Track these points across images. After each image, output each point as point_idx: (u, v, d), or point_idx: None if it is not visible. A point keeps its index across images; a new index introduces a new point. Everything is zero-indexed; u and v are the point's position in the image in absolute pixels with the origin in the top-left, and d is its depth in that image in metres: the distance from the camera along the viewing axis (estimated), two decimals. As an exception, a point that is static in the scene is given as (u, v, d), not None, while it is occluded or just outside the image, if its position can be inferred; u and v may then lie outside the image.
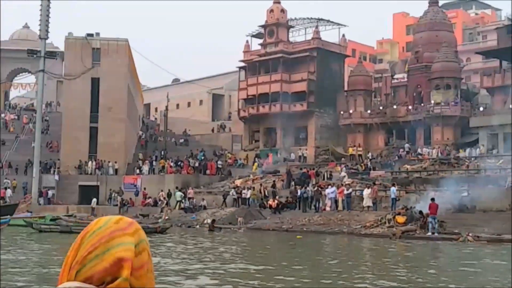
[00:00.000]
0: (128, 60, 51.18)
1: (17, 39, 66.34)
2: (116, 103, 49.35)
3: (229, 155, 53.49)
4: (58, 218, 32.25)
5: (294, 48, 54.46)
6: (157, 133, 61.17)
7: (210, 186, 45.61)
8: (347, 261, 16.98)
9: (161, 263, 15.55)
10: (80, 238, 1.25)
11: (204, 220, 35.24)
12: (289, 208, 35.49)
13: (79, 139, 49.12)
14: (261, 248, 21.99)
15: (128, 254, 1.21)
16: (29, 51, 45.67)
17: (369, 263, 16.67)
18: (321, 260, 16.99)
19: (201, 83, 67.81)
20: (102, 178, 48.27)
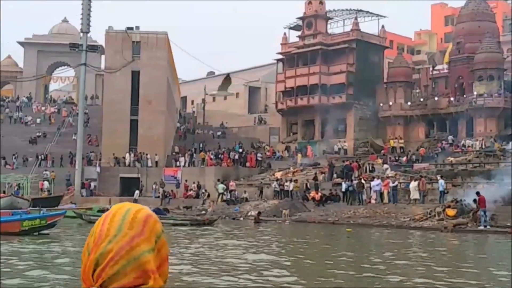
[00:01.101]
0: (167, 53, 51.43)
1: (57, 33, 67.18)
2: (156, 96, 49.68)
3: (267, 147, 53.44)
4: (105, 210, 32.61)
5: (333, 40, 54.06)
6: (195, 126, 61.39)
7: (250, 178, 45.67)
8: (413, 255, 16.79)
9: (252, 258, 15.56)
10: (96, 247, 1.24)
11: (248, 212, 35.34)
12: (333, 200, 35.32)
13: (119, 132, 49.59)
14: (320, 241, 21.85)
15: (151, 266, 1.22)
16: (71, 45, 46.15)
17: (436, 258, 16.44)
18: (390, 255, 16.76)
19: (237, 76, 67.76)
20: (142, 170, 48.70)
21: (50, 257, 15.51)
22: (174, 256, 15.06)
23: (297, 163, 46.38)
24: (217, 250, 16.96)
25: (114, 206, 1.32)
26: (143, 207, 1.31)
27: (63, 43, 64.28)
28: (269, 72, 67.82)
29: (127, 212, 1.27)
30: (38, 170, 47.97)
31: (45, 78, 65.51)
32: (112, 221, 1.26)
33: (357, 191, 33.43)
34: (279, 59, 57.17)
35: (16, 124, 57.31)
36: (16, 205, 35.81)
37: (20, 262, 14.15)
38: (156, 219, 1.29)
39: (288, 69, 55.44)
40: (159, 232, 1.27)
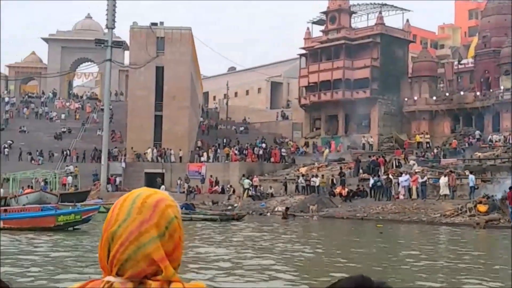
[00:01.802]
0: (191, 49, 51.50)
1: (80, 29, 67.64)
2: (180, 91, 49.81)
3: (291, 143, 53.34)
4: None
5: (357, 34, 53.74)
6: (217, 121, 61.44)
7: (275, 174, 45.62)
8: (459, 254, 16.64)
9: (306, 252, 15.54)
10: (106, 234, 1.25)
11: (275, 208, 35.33)
12: (360, 196, 35.16)
13: (144, 127, 49.82)
14: (356, 237, 21.73)
15: (160, 253, 1.23)
16: (97, 41, 46.30)
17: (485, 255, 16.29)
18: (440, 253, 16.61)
19: (259, 71, 67.80)
20: (166, 166, 48.89)
21: (85, 250, 15.61)
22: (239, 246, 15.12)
23: (325, 157, 46.22)
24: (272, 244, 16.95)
25: (131, 192, 1.31)
26: (157, 192, 1.29)
27: (87, 39, 64.85)
28: (291, 67, 67.66)
29: (137, 197, 1.26)
30: (64, 165, 48.43)
31: (69, 74, 65.96)
32: (122, 206, 1.26)
33: (385, 186, 33.20)
34: (302, 54, 57.01)
35: (42, 120, 57.84)
36: (45, 200, 36.17)
37: (56, 254, 14.26)
38: (168, 204, 1.28)
39: (311, 64, 55.23)
40: (170, 217, 1.26)
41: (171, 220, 1.26)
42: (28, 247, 16.24)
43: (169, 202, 1.28)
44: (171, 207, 1.28)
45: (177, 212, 1.29)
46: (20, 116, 57.90)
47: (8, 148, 51.13)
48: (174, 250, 1.26)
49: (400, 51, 53.82)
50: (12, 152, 51.07)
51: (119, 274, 1.24)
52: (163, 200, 1.27)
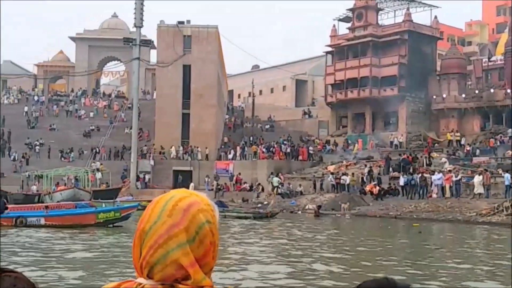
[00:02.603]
0: (218, 47, 51.63)
1: (107, 28, 68.13)
2: (207, 89, 49.99)
3: (317, 141, 53.23)
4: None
5: (384, 32, 53.44)
6: (243, 119, 61.50)
7: (303, 171, 45.60)
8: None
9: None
10: (138, 235, 1.24)
11: (305, 206, 35.32)
12: (391, 194, 35.00)
13: (172, 125, 50.10)
14: (398, 236, 21.65)
15: (188, 260, 1.20)
16: (125, 39, 46.68)
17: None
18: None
19: (283, 69, 67.71)
20: (194, 163, 49.11)
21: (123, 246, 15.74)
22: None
23: (355, 152, 46.12)
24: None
25: (166, 193, 1.29)
26: (192, 195, 1.26)
27: (113, 38, 65.31)
28: (316, 65, 67.53)
29: (170, 199, 1.24)
30: (92, 163, 48.85)
31: (96, 72, 66.54)
32: (155, 207, 1.24)
33: (419, 185, 32.98)
34: (329, 51, 56.83)
35: (70, 118, 58.42)
36: (79, 197, 36.52)
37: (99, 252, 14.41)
38: (201, 209, 1.24)
39: (338, 61, 55.05)
40: (201, 222, 1.22)
41: (202, 225, 1.22)
42: (69, 245, 16.44)
43: (203, 206, 1.24)
44: (204, 212, 1.24)
45: (211, 217, 1.25)
46: (49, 115, 58.54)
47: (39, 146, 51.74)
48: (204, 255, 1.23)
49: (428, 48, 53.41)
50: (42, 150, 51.69)
51: (149, 276, 1.23)
52: (195, 204, 1.24)
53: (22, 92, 64.69)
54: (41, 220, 21.26)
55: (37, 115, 57.99)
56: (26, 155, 50.38)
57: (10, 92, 64.94)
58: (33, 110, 58.87)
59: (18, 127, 54.77)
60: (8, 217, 21.25)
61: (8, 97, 63.86)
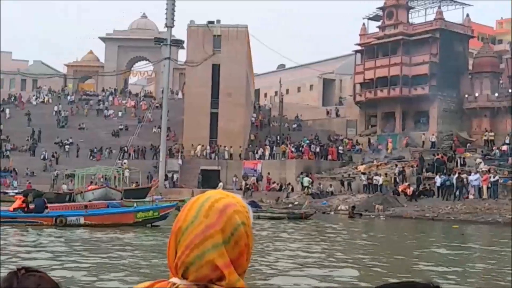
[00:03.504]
0: (247, 46, 51.50)
1: (136, 28, 68.47)
2: (235, 89, 49.91)
3: (346, 140, 52.79)
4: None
5: (415, 30, 52.80)
6: (270, 118, 61.23)
7: (332, 171, 45.24)
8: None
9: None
10: (174, 234, 1.25)
11: (338, 207, 34.98)
12: (425, 195, 34.50)
13: (200, 124, 50.12)
14: (441, 239, 21.25)
15: (223, 261, 1.21)
16: (156, 39, 46.79)
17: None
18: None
19: (310, 68, 67.30)
20: (222, 163, 49.07)
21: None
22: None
23: (389, 152, 45.67)
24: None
25: (202, 193, 1.29)
26: (228, 196, 1.27)
27: (143, 38, 65.62)
28: (344, 64, 67.03)
29: (206, 200, 1.25)
30: (121, 163, 48.97)
31: (125, 72, 66.92)
32: (191, 207, 1.25)
33: (455, 186, 32.43)
34: (358, 50, 56.32)
35: (99, 117, 58.79)
36: (110, 196, 36.66)
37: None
38: (236, 210, 1.25)
39: (367, 60, 54.53)
40: (236, 224, 1.23)
41: (237, 227, 1.24)
42: (116, 243, 16.38)
43: (238, 207, 1.26)
44: (239, 213, 1.25)
45: (246, 218, 1.26)
46: (78, 114, 58.96)
47: (69, 145, 52.13)
48: (239, 257, 1.24)
49: (460, 46, 52.62)
50: (72, 149, 52.07)
51: (184, 277, 1.23)
52: (231, 205, 1.25)
53: (52, 92, 65.24)
54: (81, 219, 21.23)
55: (67, 114, 58.42)
56: (56, 154, 50.78)
57: (41, 92, 65.53)
58: (61, 109, 59.30)
59: (48, 127, 55.29)
60: (48, 216, 21.30)
61: (38, 96, 64.45)
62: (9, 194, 40.64)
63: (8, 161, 49.98)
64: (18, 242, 16.66)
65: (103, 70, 66.36)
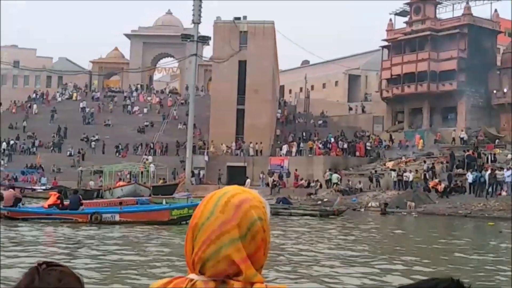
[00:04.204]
0: (273, 43, 51.27)
1: (161, 25, 68.58)
2: (262, 85, 49.69)
3: (373, 136, 52.36)
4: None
5: (443, 25, 52.17)
6: (295, 115, 60.95)
7: (360, 168, 44.89)
8: None
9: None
10: (191, 230, 1.26)
11: (368, 203, 34.69)
12: (457, 192, 34.04)
13: (226, 121, 50.03)
14: (481, 236, 20.93)
15: (240, 256, 1.22)
16: (183, 35, 46.56)
17: None
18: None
19: (335, 64, 66.90)
20: (248, 159, 48.94)
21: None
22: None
23: (420, 149, 45.22)
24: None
25: (219, 189, 1.30)
26: (244, 192, 1.27)
27: (167, 34, 65.71)
28: (370, 60, 66.52)
29: (223, 195, 1.25)
30: (147, 159, 49.02)
31: (151, 69, 67.11)
32: (207, 203, 1.26)
33: (489, 182, 31.95)
34: (385, 45, 55.83)
35: (125, 114, 59.01)
36: (139, 192, 36.73)
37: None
38: (253, 205, 1.25)
39: (394, 56, 54.03)
40: (253, 219, 1.24)
41: (254, 222, 1.24)
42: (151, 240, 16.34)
43: (255, 203, 1.26)
44: (256, 208, 1.25)
45: (262, 214, 1.26)
46: (104, 111, 59.23)
47: (95, 142, 52.39)
48: (256, 252, 1.24)
49: (488, 42, 51.89)
50: (98, 146, 52.32)
51: (201, 272, 1.24)
52: (248, 200, 1.25)
53: (78, 88, 65.63)
54: (116, 216, 21.19)
55: (92, 111, 58.73)
56: (82, 151, 51.04)
57: (66, 89, 65.96)
58: (86, 106, 59.62)
59: (74, 123, 55.58)
60: (83, 213, 21.31)
61: (63, 93, 64.88)
62: (37, 190, 41.04)
63: (35, 157, 50.36)
64: (56, 238, 16.68)
65: (128, 67, 66.58)
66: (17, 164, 49.22)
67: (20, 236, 16.51)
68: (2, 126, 56.27)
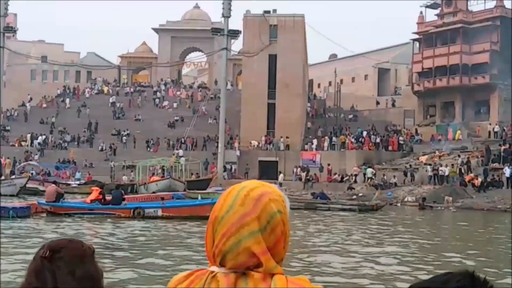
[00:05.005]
0: (303, 36, 50.99)
1: (189, 19, 68.57)
2: (292, 79, 49.51)
3: (405, 130, 51.87)
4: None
5: (474, 18, 51.45)
6: (325, 109, 60.62)
7: (393, 162, 44.52)
8: None
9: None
10: (211, 224, 1.28)
11: (404, 198, 34.39)
12: (494, 186, 33.57)
13: (257, 115, 49.95)
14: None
15: (260, 248, 1.23)
16: (213, 29, 46.64)
17: None
18: None
19: (364, 58, 66.37)
20: (280, 154, 48.84)
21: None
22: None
23: (456, 141, 44.72)
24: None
25: (238, 183, 1.32)
26: (264, 185, 1.29)
27: (196, 28, 65.73)
28: (400, 53, 65.94)
29: (242, 189, 1.28)
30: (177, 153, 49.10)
31: (179, 64, 67.22)
32: (227, 197, 1.27)
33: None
34: (416, 38, 55.24)
35: (155, 109, 59.22)
36: (174, 187, 36.90)
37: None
38: (272, 199, 1.26)
39: (425, 49, 53.43)
40: (272, 212, 1.25)
41: (273, 215, 1.25)
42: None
43: (274, 196, 1.27)
44: (275, 202, 1.26)
45: (282, 207, 1.28)
46: (134, 105, 59.49)
47: (126, 137, 52.67)
48: (276, 244, 1.25)
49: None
50: (129, 140, 52.58)
51: (222, 265, 1.25)
52: (267, 193, 1.26)
53: (107, 83, 65.99)
54: (158, 211, 21.26)
55: (122, 105, 59.01)
56: (114, 146, 51.33)
57: (95, 84, 66.37)
58: (116, 101, 59.91)
59: (104, 118, 55.86)
60: (126, 208, 21.41)
61: (93, 88, 65.29)
62: (71, 185, 41.37)
63: (66, 152, 50.78)
64: (106, 234, 16.75)
65: (156, 61, 66.75)
66: (49, 159, 49.63)
67: (74, 231, 16.64)
68: (33, 121, 56.90)
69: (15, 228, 17.18)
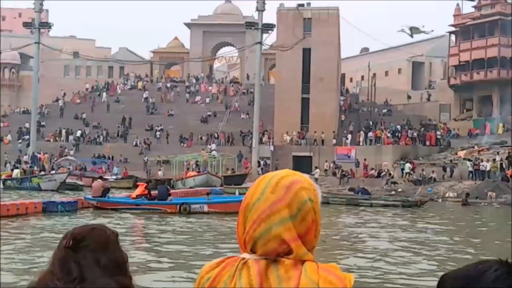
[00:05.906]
0: (338, 30, 50.45)
1: (221, 13, 68.39)
2: (327, 73, 49.02)
3: (441, 125, 51.05)
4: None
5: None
6: (359, 104, 60.00)
7: (430, 157, 43.85)
8: None
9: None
10: (243, 211, 1.29)
11: (445, 194, 33.82)
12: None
13: (291, 110, 49.58)
14: None
15: (290, 235, 1.24)
16: (247, 23, 46.43)
17: None
18: None
19: (398, 51, 65.49)
20: (314, 149, 48.46)
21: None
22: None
23: (501, 132, 43.98)
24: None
25: (270, 172, 1.33)
26: (295, 174, 1.30)
27: (227, 23, 65.50)
28: (434, 46, 64.96)
29: (273, 177, 1.28)
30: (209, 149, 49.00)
31: (211, 59, 67.10)
32: (258, 185, 1.29)
33: None
34: (452, 31, 54.33)
35: (188, 104, 59.22)
36: (211, 182, 36.83)
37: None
38: (303, 187, 1.27)
39: (462, 41, 52.55)
40: (303, 199, 1.25)
41: (304, 202, 1.25)
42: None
43: (305, 185, 1.28)
44: (306, 190, 1.27)
45: (313, 196, 1.28)
46: (166, 101, 59.56)
47: (160, 132, 52.76)
48: (307, 232, 1.26)
49: None
50: (163, 135, 52.65)
51: (253, 251, 1.27)
52: (298, 182, 1.27)
53: (140, 78, 66.16)
54: (204, 207, 21.15)
55: (154, 101, 59.12)
56: (148, 141, 51.45)
57: (128, 79, 66.63)
58: (149, 96, 60.04)
59: (138, 113, 56.01)
60: (172, 204, 21.33)
61: (125, 83, 65.54)
62: (108, 180, 41.54)
63: (101, 148, 51.03)
64: (159, 229, 16.66)
65: (188, 56, 66.66)
66: (84, 154, 49.92)
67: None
68: (67, 117, 57.31)
69: (65, 221, 17.40)
